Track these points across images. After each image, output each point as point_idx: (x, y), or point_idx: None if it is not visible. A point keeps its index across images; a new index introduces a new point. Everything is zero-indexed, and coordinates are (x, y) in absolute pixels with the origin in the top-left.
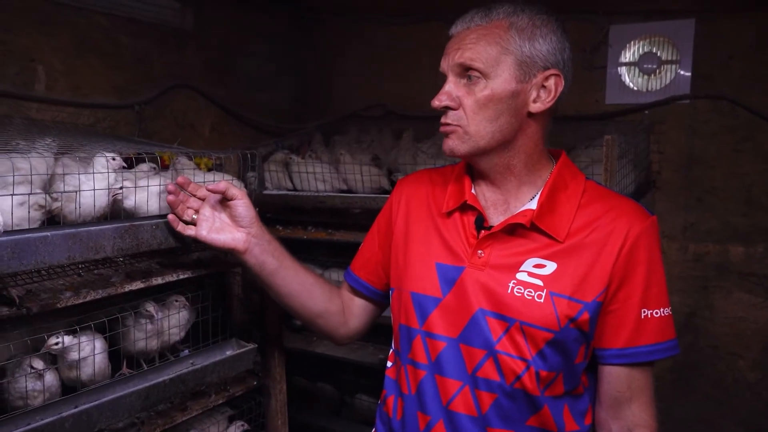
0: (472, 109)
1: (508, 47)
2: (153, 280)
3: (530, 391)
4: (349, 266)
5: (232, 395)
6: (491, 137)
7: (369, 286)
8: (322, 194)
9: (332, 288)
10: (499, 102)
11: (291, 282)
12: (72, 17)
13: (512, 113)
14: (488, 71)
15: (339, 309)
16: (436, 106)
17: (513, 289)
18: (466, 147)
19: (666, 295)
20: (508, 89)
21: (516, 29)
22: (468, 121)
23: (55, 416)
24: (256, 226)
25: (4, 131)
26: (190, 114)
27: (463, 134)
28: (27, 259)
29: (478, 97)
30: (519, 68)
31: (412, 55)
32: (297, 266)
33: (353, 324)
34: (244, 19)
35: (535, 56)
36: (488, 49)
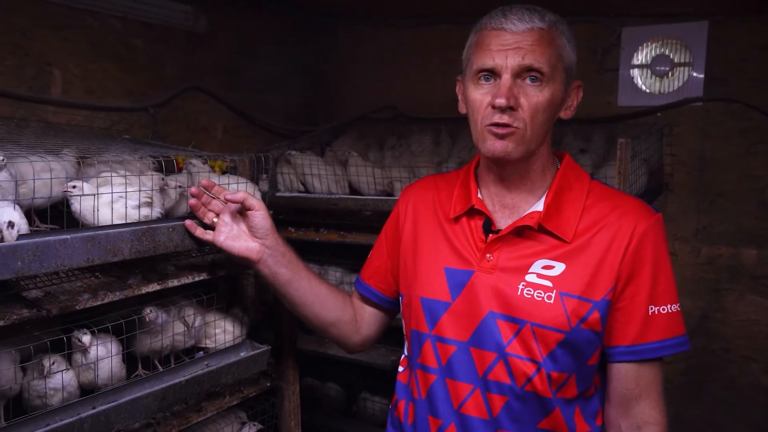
0: (531, 111)
1: (562, 53)
2: (169, 282)
3: (541, 393)
4: (359, 274)
5: (246, 396)
6: (539, 141)
7: (379, 294)
8: (334, 196)
9: (345, 297)
10: (552, 107)
11: (304, 292)
12: (87, 21)
13: (553, 118)
14: (549, 75)
15: (351, 318)
16: (501, 105)
17: (523, 291)
18: (521, 150)
19: (674, 292)
20: (558, 95)
21: (566, 37)
22: (528, 123)
23: (74, 417)
24: (271, 237)
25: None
26: (203, 117)
27: (521, 137)
28: (47, 262)
29: (540, 100)
30: (566, 75)
31: (422, 57)
32: (311, 277)
33: (365, 332)
34: (255, 22)
35: (572, 64)
36: (550, 53)
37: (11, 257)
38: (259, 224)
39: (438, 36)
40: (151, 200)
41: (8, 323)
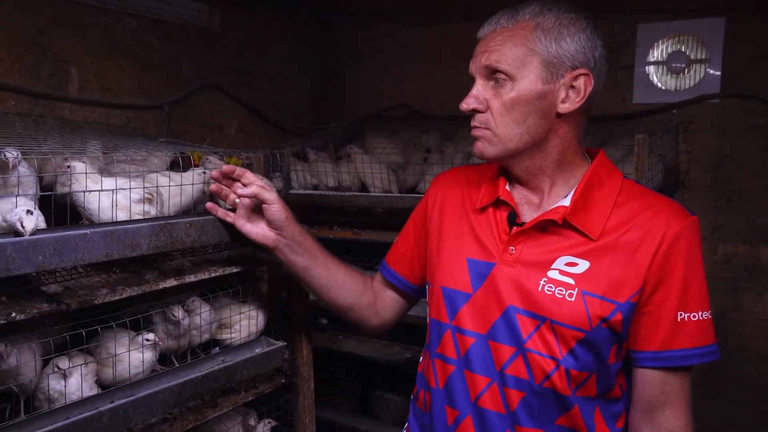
0: (499, 111)
1: (534, 48)
2: (186, 278)
3: (560, 390)
4: (384, 259)
5: (261, 392)
6: (519, 139)
7: (403, 280)
8: (348, 194)
9: (365, 282)
10: (525, 104)
11: (321, 279)
12: (103, 19)
13: (540, 114)
14: (514, 73)
15: (370, 302)
16: (463, 109)
17: (544, 287)
18: (495, 150)
19: (706, 299)
20: (534, 90)
21: (542, 29)
22: (496, 123)
23: (93, 411)
24: (287, 228)
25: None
26: (217, 114)
27: (492, 137)
28: (67, 256)
29: (505, 99)
30: (546, 69)
31: (435, 54)
32: (328, 264)
33: (384, 315)
34: (269, 20)
35: (562, 56)
36: (514, 51)
37: (32, 251)
38: (274, 217)
39: (451, 33)
40: (152, 197)
41: (29, 317)
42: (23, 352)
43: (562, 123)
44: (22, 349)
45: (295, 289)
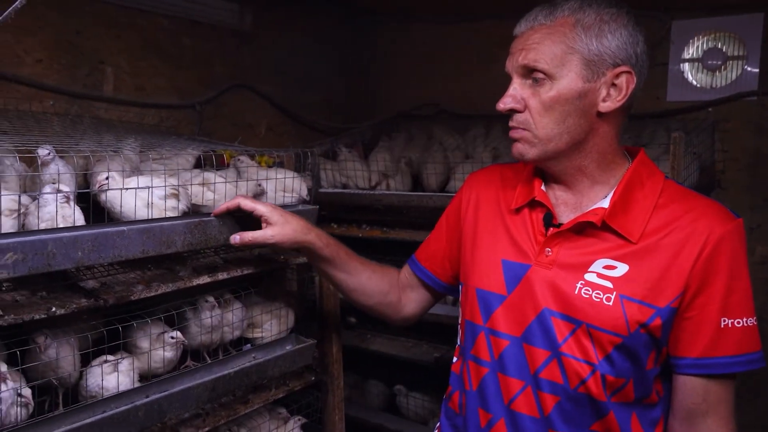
0: (538, 111)
1: (573, 46)
2: (219, 275)
3: (595, 396)
4: (414, 254)
5: (291, 390)
6: (559, 139)
7: (434, 277)
8: (377, 192)
9: (391, 281)
10: (565, 103)
11: (343, 282)
12: (137, 20)
13: (580, 114)
14: (553, 72)
15: (395, 300)
16: (500, 109)
17: (580, 290)
18: (535, 151)
19: (751, 304)
20: (574, 89)
21: (582, 26)
22: (535, 124)
23: (129, 405)
24: (304, 241)
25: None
26: (248, 114)
27: (532, 138)
28: (105, 252)
29: (544, 98)
30: (586, 67)
31: (465, 53)
32: (351, 267)
33: (409, 311)
34: (299, 20)
35: (603, 53)
36: (553, 49)
37: (72, 247)
38: (278, 248)
39: (481, 32)
40: (178, 192)
41: (68, 312)
42: (62, 346)
43: (603, 122)
44: (61, 343)
45: (326, 288)
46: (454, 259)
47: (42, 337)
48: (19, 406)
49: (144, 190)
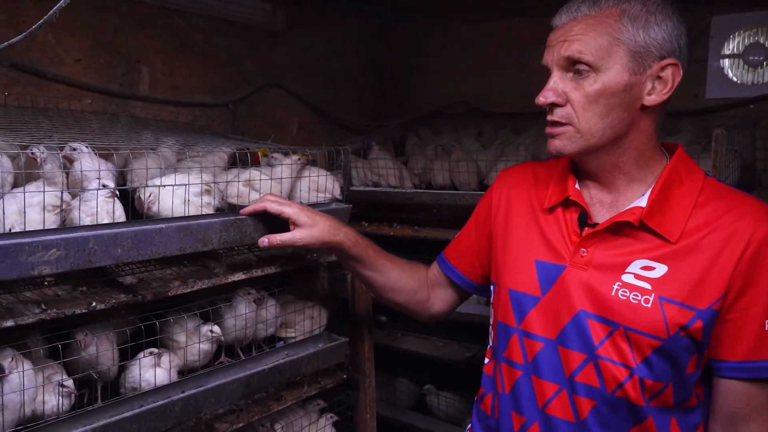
0: (581, 104)
1: (620, 37)
2: (253, 272)
3: (633, 400)
4: (443, 252)
5: (323, 387)
6: (602, 134)
7: (462, 276)
8: (408, 191)
9: (420, 279)
10: (610, 96)
11: (370, 279)
12: (173, 20)
13: (625, 107)
14: (599, 64)
15: (423, 298)
16: (540, 103)
17: (618, 292)
18: (575, 146)
19: None
20: (620, 82)
21: (628, 17)
22: (578, 118)
23: (166, 399)
24: (330, 242)
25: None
26: (279, 112)
27: (574, 133)
28: (144, 249)
29: (588, 91)
30: (632, 59)
31: (497, 51)
32: (380, 266)
33: (438, 308)
34: (330, 19)
35: (650, 45)
36: (598, 40)
37: (112, 244)
38: (308, 249)
39: (513, 29)
40: (211, 188)
41: (108, 307)
42: (102, 341)
43: (644, 116)
44: (100, 338)
45: (358, 287)
46: (483, 258)
47: (81, 333)
48: (62, 396)
49: (180, 187)
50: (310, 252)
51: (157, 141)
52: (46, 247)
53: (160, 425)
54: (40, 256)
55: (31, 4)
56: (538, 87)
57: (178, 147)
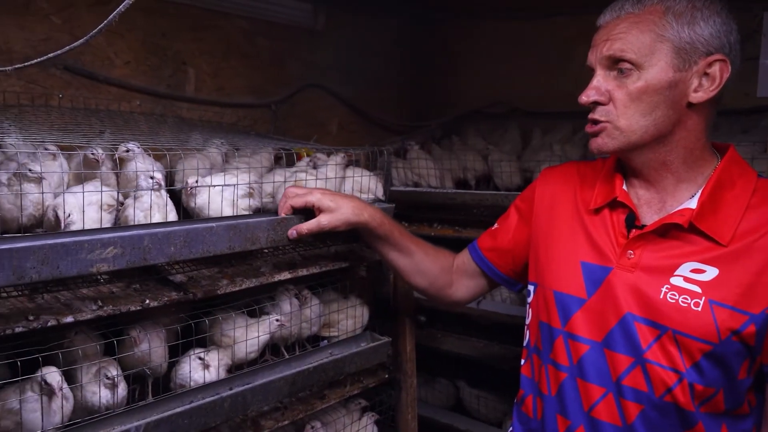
0: (623, 103)
1: (663, 34)
2: (299, 271)
3: (683, 405)
4: (476, 241)
5: (365, 387)
6: (644, 132)
7: (494, 269)
8: (451, 191)
9: (443, 265)
10: (654, 94)
11: (394, 261)
12: (218, 22)
13: (669, 105)
14: (641, 61)
15: (446, 283)
16: (583, 102)
17: (666, 295)
18: (615, 143)
19: None
20: (664, 79)
21: (673, 13)
22: (618, 115)
23: (215, 396)
24: (358, 221)
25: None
26: (320, 112)
27: (613, 130)
28: (196, 248)
29: (631, 89)
30: (677, 56)
31: (539, 50)
32: (404, 248)
33: (460, 295)
34: (371, 19)
35: (695, 41)
36: (641, 38)
37: (165, 242)
38: (336, 230)
39: (556, 28)
40: (253, 191)
41: (160, 304)
42: (153, 338)
43: (692, 114)
44: (152, 335)
45: (400, 287)
46: (519, 255)
47: (135, 331)
48: (106, 387)
49: (223, 188)
50: (338, 238)
51: (206, 142)
52: (104, 244)
53: (209, 421)
54: (98, 254)
55: (84, 8)
56: (581, 86)
57: (226, 148)
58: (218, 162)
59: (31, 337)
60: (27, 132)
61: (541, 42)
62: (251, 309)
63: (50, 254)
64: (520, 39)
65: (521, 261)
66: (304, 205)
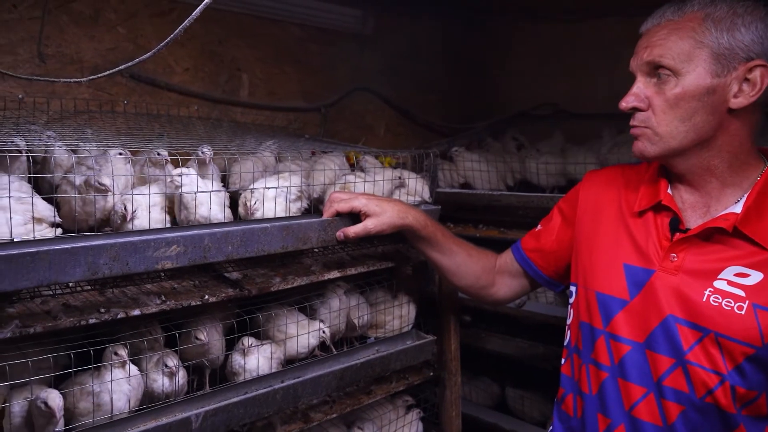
0: (661, 109)
1: (702, 40)
2: (348, 270)
3: (724, 407)
4: (519, 242)
5: (410, 384)
6: (684, 137)
7: (536, 269)
8: (496, 193)
9: (485, 265)
10: (692, 99)
11: (437, 262)
12: (271, 29)
13: (709, 111)
14: (679, 68)
15: (488, 283)
16: (623, 108)
17: (709, 298)
18: (656, 149)
19: None
20: (702, 85)
21: (712, 20)
22: (657, 121)
23: (269, 388)
24: (403, 225)
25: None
26: (368, 115)
27: (653, 135)
28: (251, 247)
29: (668, 96)
30: (716, 61)
31: (587, 52)
32: (446, 249)
33: (502, 294)
34: (418, 23)
35: (735, 47)
36: (680, 44)
37: (224, 242)
38: (380, 234)
39: (604, 30)
40: (301, 194)
41: (218, 300)
42: (212, 332)
43: (734, 119)
44: (211, 330)
45: (445, 286)
46: (561, 256)
47: (202, 332)
48: (165, 375)
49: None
50: (385, 239)
51: (261, 145)
52: (168, 243)
53: (262, 411)
54: (163, 252)
55: (146, 19)
56: (628, 88)
57: (278, 150)
58: (271, 164)
59: (102, 328)
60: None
61: (588, 43)
62: (302, 306)
63: (121, 252)
64: (567, 40)
65: (564, 262)
66: (349, 210)
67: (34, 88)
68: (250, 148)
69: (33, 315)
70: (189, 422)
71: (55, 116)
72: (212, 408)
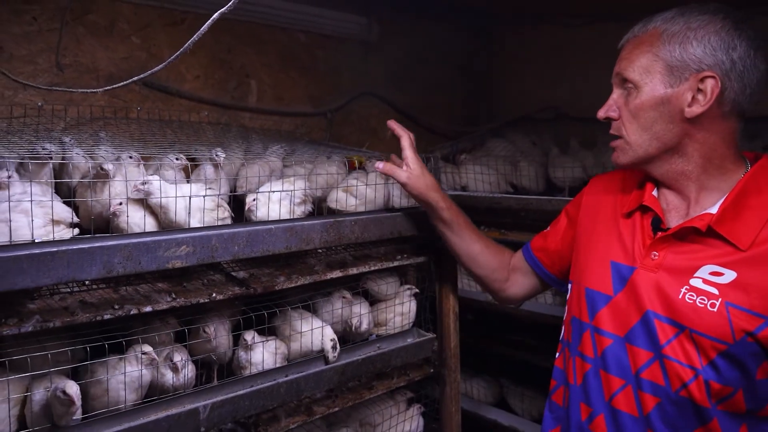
0: (627, 118)
1: (658, 54)
2: (349, 270)
3: (698, 401)
4: (530, 242)
5: (411, 380)
6: (648, 145)
7: (542, 267)
8: (496, 195)
9: (502, 260)
10: (649, 109)
11: (455, 245)
12: (278, 36)
13: (667, 119)
14: (638, 80)
15: (502, 277)
16: (599, 117)
17: (685, 295)
18: (627, 157)
19: None
20: (656, 96)
21: (668, 34)
22: (626, 131)
23: (273, 381)
24: (427, 197)
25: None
26: (373, 119)
27: (624, 144)
28: (256, 247)
29: (631, 106)
30: (669, 73)
31: (590, 56)
32: (466, 235)
33: (514, 291)
34: (423, 27)
35: (686, 59)
36: (641, 59)
37: (231, 242)
38: (407, 192)
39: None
40: (305, 197)
41: (226, 298)
42: (219, 328)
43: (698, 127)
44: (218, 326)
45: (446, 285)
46: (565, 256)
47: (210, 328)
48: (171, 369)
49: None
50: (385, 241)
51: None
52: (178, 243)
53: (267, 404)
54: (173, 251)
55: (159, 28)
56: None
57: (285, 155)
58: (278, 168)
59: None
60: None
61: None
62: (306, 304)
63: (134, 251)
64: (570, 45)
65: (567, 262)
66: (403, 145)
67: (52, 96)
68: (257, 152)
69: (52, 310)
70: (197, 413)
71: (72, 123)
72: (219, 400)
